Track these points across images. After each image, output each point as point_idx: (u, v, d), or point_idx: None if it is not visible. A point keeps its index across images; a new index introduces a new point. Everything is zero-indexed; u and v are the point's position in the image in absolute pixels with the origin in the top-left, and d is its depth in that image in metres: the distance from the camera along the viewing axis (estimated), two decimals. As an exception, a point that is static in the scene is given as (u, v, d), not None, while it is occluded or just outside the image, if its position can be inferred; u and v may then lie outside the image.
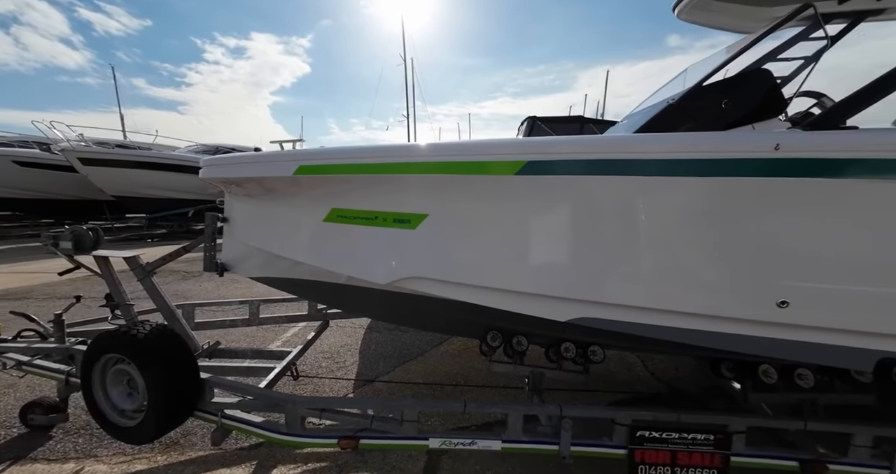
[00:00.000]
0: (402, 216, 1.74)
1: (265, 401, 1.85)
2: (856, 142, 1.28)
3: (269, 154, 2.06)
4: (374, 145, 1.80)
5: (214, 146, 14.01)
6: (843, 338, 1.40)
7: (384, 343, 4.13)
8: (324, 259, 2.00)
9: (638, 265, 1.51)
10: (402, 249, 1.78)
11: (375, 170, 1.69)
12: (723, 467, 1.64)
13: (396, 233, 1.76)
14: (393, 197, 1.74)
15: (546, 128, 8.59)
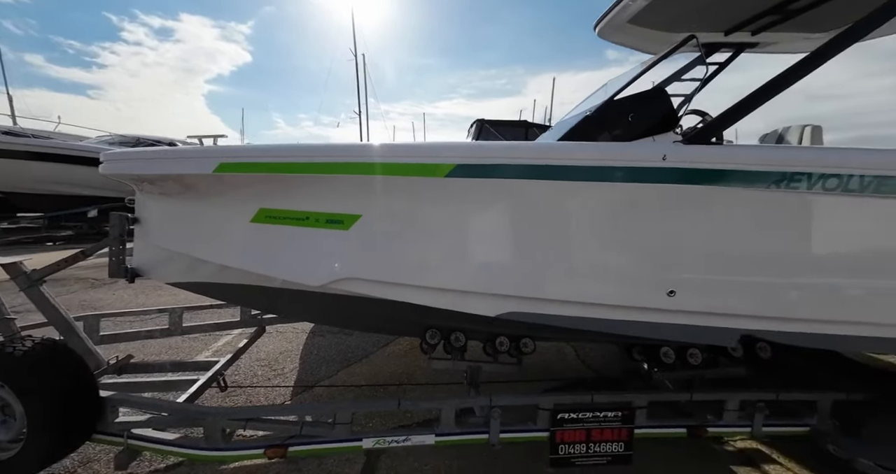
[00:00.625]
0: (335, 217, 1.72)
1: (181, 416, 1.72)
2: (721, 156, 1.54)
3: (185, 150, 1.92)
4: (304, 144, 1.75)
5: (135, 137, 12.46)
6: (715, 319, 1.67)
7: (327, 347, 4.01)
8: (252, 262, 1.91)
9: (554, 262, 1.66)
10: (335, 250, 1.76)
11: (305, 170, 1.66)
12: (628, 439, 1.85)
13: (329, 234, 1.74)
14: (325, 197, 1.72)
15: (493, 131, 8.90)
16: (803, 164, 1.50)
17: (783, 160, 1.51)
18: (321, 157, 1.64)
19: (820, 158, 1.52)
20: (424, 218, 1.68)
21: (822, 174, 1.49)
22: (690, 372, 2.12)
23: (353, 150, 1.68)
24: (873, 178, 1.48)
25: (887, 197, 1.51)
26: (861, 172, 1.48)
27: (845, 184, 1.49)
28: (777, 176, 1.52)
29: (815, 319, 1.71)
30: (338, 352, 3.91)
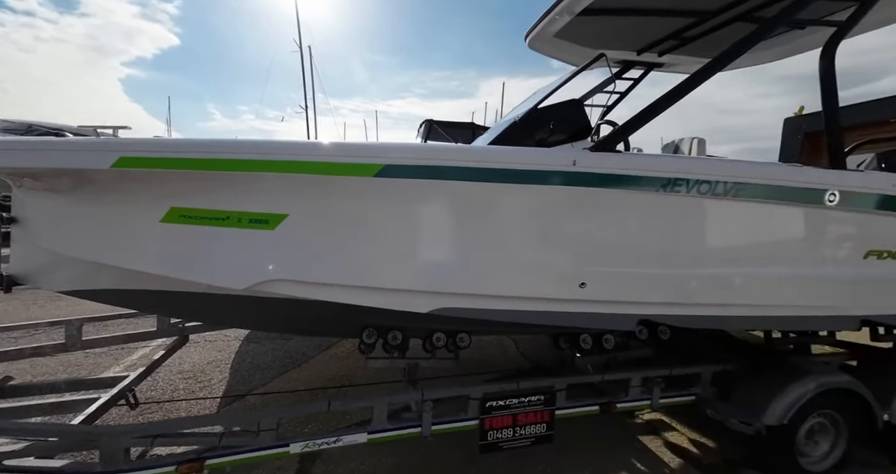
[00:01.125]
0: (260, 216, 1.66)
1: (72, 440, 1.53)
2: (620, 162, 1.74)
3: (78, 141, 1.72)
4: (221, 140, 1.66)
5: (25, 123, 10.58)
6: (618, 307, 1.89)
7: (263, 353, 3.80)
8: (167, 266, 1.76)
9: (480, 259, 1.75)
10: (260, 251, 1.70)
11: (227, 167, 1.57)
12: (550, 420, 2.02)
13: (253, 235, 1.66)
14: (248, 196, 1.64)
15: (442, 132, 9.04)
16: (682, 172, 1.76)
17: (667, 168, 1.76)
18: (246, 155, 1.56)
19: (693, 167, 1.80)
20: (353, 217, 1.69)
21: (696, 180, 1.76)
22: (606, 355, 2.37)
23: (279, 148, 1.63)
24: (733, 184, 1.79)
25: (744, 199, 1.83)
26: (723, 179, 1.77)
27: (713, 188, 1.78)
28: (664, 181, 1.76)
29: (701, 303, 2.00)
30: (274, 358, 3.72)
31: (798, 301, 2.00)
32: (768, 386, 2.05)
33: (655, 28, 2.91)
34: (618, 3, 2.55)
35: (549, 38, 2.99)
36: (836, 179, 1.89)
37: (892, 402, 2.11)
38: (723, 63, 1.86)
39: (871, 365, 2.37)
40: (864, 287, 2.03)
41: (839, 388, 2.01)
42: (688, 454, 2.36)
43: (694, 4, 2.58)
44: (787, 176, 1.88)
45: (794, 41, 2.85)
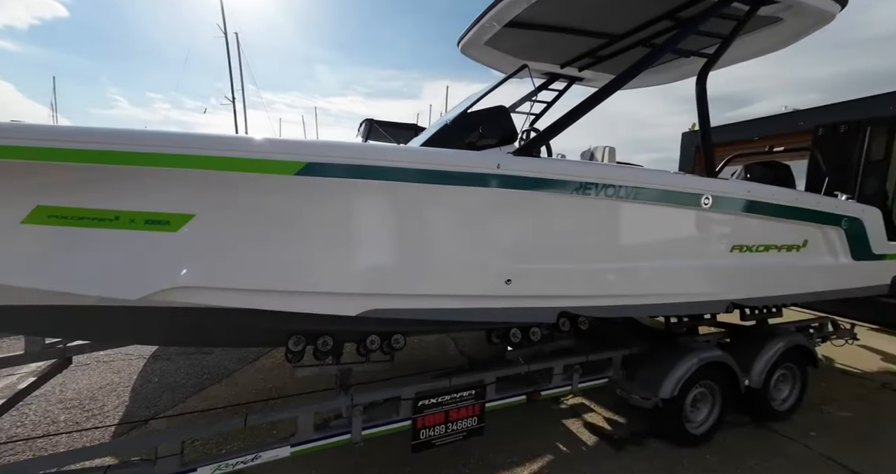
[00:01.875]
0: (158, 216, 1.47)
1: None
2: (539, 166, 1.88)
3: None
4: (106, 128, 1.44)
5: None
6: (540, 301, 2.04)
7: (174, 371, 3.38)
8: (32, 276, 1.47)
9: (407, 259, 1.76)
10: (159, 255, 1.50)
11: (112, 160, 1.36)
12: (481, 413, 2.10)
13: (150, 237, 1.47)
14: (144, 194, 1.45)
15: (382, 131, 8.89)
16: (591, 177, 1.95)
17: (579, 173, 1.95)
18: (142, 147, 1.37)
19: (600, 173, 2.01)
20: (272, 217, 1.58)
21: (603, 184, 1.98)
22: (535, 347, 2.52)
23: (186, 141, 1.45)
24: (633, 188, 2.04)
25: (642, 202, 2.09)
26: (624, 184, 2.01)
27: (617, 192, 2.01)
28: (577, 185, 1.94)
29: (609, 295, 2.23)
30: (189, 375, 3.33)
31: (683, 289, 2.33)
32: (662, 365, 2.36)
33: (574, 45, 3.21)
34: (540, 20, 2.76)
35: (481, 45, 3.13)
36: (709, 186, 2.25)
37: (751, 370, 2.57)
38: (623, 81, 2.11)
39: (738, 340, 2.87)
40: (730, 276, 2.45)
41: (714, 362, 2.40)
42: (603, 431, 2.62)
43: (603, 27, 2.90)
44: (674, 182, 2.19)
45: (681, 67, 3.34)
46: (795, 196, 2.63)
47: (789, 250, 2.64)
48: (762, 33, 2.73)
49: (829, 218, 2.75)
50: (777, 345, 2.63)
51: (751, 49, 2.92)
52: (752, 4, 2.28)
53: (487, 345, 2.38)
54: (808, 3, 2.32)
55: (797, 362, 2.79)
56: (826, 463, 2.32)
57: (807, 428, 2.67)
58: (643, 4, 2.49)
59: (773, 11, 2.43)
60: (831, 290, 2.99)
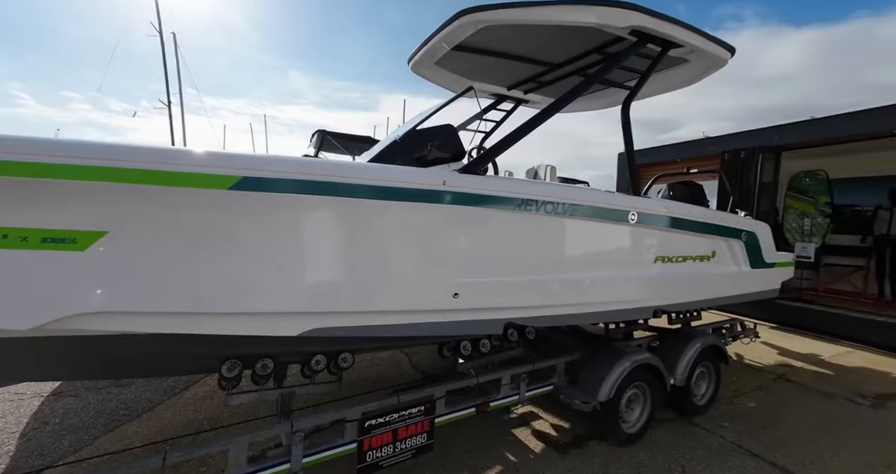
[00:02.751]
0: (61, 234, 1.30)
1: None
2: (483, 184, 1.97)
3: None
4: (12, 136, 1.26)
5: None
6: (486, 313, 2.10)
7: (79, 410, 2.94)
8: None
9: (352, 275, 1.73)
10: (60, 278, 1.33)
11: (13, 172, 1.19)
12: (430, 429, 2.08)
13: (49, 258, 1.30)
14: (43, 209, 1.28)
15: (336, 143, 8.67)
16: (531, 194, 2.09)
17: (520, 190, 2.07)
18: (49, 157, 1.21)
19: (540, 190, 2.16)
20: (202, 234, 1.47)
21: (543, 201, 2.12)
22: (485, 359, 2.57)
23: (97, 152, 1.31)
24: (569, 205, 2.21)
25: (579, 218, 2.27)
26: (561, 201, 2.17)
27: (556, 208, 2.17)
28: (518, 201, 2.06)
29: (554, 305, 2.36)
30: (99, 412, 2.91)
31: (616, 297, 2.55)
32: (599, 369, 2.53)
33: (519, 70, 3.44)
34: (486, 45, 2.93)
35: (431, 65, 3.24)
36: (634, 203, 2.51)
37: (676, 370, 2.85)
38: (560, 106, 2.31)
39: (664, 343, 3.17)
40: (655, 284, 2.72)
41: (644, 363, 2.62)
42: (549, 438, 2.72)
43: (543, 56, 3.15)
44: (605, 199, 2.41)
45: (610, 96, 3.72)
46: (704, 212, 3.01)
47: (702, 260, 3.00)
48: (674, 71, 3.15)
49: (731, 232, 3.19)
50: (696, 346, 2.95)
51: (665, 84, 3.35)
52: (663, 46, 2.62)
53: (441, 359, 2.39)
54: (706, 49, 2.72)
55: (712, 360, 3.14)
56: (735, 450, 2.61)
57: (721, 420, 3.00)
58: (576, 39, 2.75)
59: (680, 53, 2.82)
60: (737, 295, 3.44)
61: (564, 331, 3.46)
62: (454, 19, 2.41)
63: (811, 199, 6.44)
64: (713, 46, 2.74)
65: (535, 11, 2.25)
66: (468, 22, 2.38)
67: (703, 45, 2.68)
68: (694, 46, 2.67)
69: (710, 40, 2.70)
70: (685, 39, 2.58)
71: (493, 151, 2.22)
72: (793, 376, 3.96)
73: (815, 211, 6.40)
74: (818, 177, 6.37)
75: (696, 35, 2.60)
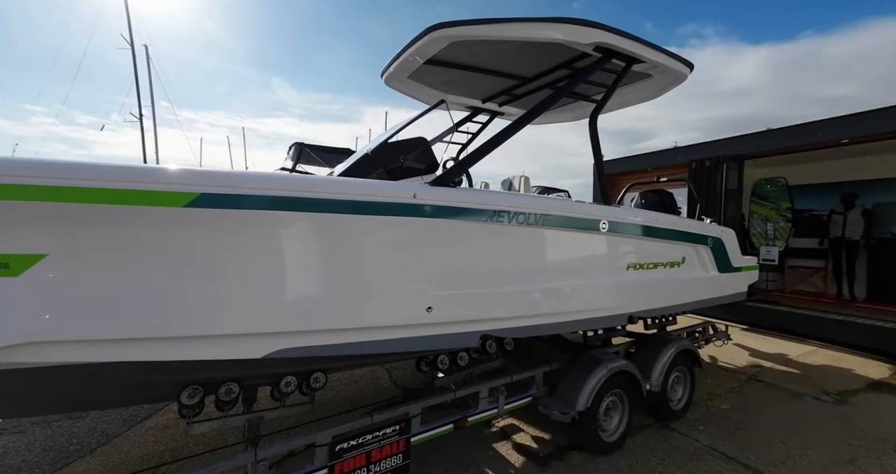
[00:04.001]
0: None
1: None
2: (454, 196, 1.96)
3: None
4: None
5: None
6: (461, 326, 2.06)
7: (23, 448, 2.70)
8: None
9: (319, 293, 1.67)
10: None
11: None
12: (406, 449, 2.01)
13: None
14: None
15: (314, 155, 8.55)
16: (502, 205, 2.10)
17: (491, 201, 2.08)
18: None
19: (511, 201, 2.17)
20: (155, 254, 1.39)
21: (514, 212, 2.13)
22: (463, 372, 2.52)
23: (36, 169, 1.23)
24: (540, 215, 2.23)
25: (550, 228, 2.29)
26: (532, 211, 2.19)
27: (527, 219, 2.18)
28: (490, 213, 2.06)
29: (529, 315, 2.35)
30: (46, 449, 2.68)
31: (590, 306, 2.57)
32: (576, 379, 2.53)
33: (493, 84, 3.50)
34: (458, 60, 2.97)
35: (404, 78, 3.25)
36: (604, 212, 2.56)
37: (651, 375, 2.88)
38: (529, 118, 2.35)
39: (640, 349, 3.21)
40: (628, 291, 2.77)
41: (620, 370, 2.64)
42: (529, 450, 2.68)
43: (515, 70, 3.22)
44: (575, 209, 2.45)
45: (580, 109, 3.83)
46: (672, 220, 3.11)
47: (672, 266, 3.09)
48: (639, 85, 3.28)
49: (698, 238, 3.30)
50: (670, 351, 3.01)
51: (631, 97, 3.49)
52: (626, 62, 2.73)
53: (421, 374, 2.33)
54: (667, 65, 2.86)
55: (686, 364, 3.21)
56: (711, 454, 2.65)
57: (697, 423, 3.05)
58: (546, 54, 2.83)
59: (644, 68, 2.94)
60: (708, 299, 3.54)
61: (544, 340, 3.47)
62: (424, 34, 2.44)
63: (773, 205, 6.79)
64: (673, 62, 2.88)
65: (503, 28, 2.30)
66: (438, 37, 2.41)
67: (664, 60, 2.81)
68: (655, 62, 2.80)
69: (670, 57, 2.83)
70: (647, 56, 2.69)
71: (464, 163, 2.23)
72: (763, 376, 4.09)
73: (777, 216, 6.75)
74: (779, 184, 6.74)
75: (656, 52, 2.73)
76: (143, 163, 18.07)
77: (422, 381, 3.85)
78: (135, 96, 19.33)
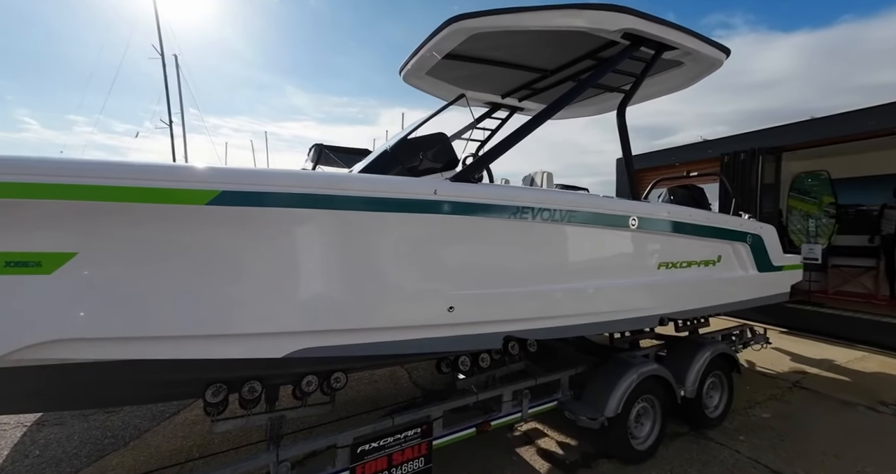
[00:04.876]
0: (24, 257, 1.23)
1: None
2: (475, 192, 1.89)
3: None
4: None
5: None
6: (484, 327, 1.99)
7: (63, 439, 2.82)
8: None
9: (341, 291, 1.64)
10: (28, 304, 1.25)
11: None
12: (428, 453, 1.96)
13: (14, 283, 1.22)
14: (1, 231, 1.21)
15: (333, 157, 8.68)
16: (527, 201, 2.01)
17: (515, 197, 1.99)
18: (7, 175, 1.15)
19: (535, 196, 2.08)
20: (178, 253, 1.40)
21: (539, 208, 2.03)
22: (485, 374, 2.45)
23: (63, 169, 1.25)
24: (567, 212, 2.13)
25: (577, 225, 2.18)
26: (558, 207, 2.09)
27: (552, 215, 2.08)
28: (513, 209, 1.97)
29: (554, 316, 2.25)
30: (84, 441, 2.79)
31: (619, 306, 2.44)
32: (605, 383, 2.41)
33: (513, 78, 3.40)
34: (478, 53, 2.89)
35: (422, 75, 3.20)
36: (634, 208, 2.42)
37: (685, 381, 2.71)
38: (552, 112, 2.25)
39: (673, 352, 3.04)
40: (659, 291, 2.61)
41: (652, 375, 2.50)
42: (555, 457, 2.58)
43: (536, 63, 3.11)
44: (604, 205, 2.32)
45: (605, 102, 3.67)
46: (706, 216, 2.92)
47: (707, 265, 2.90)
48: (669, 74, 3.10)
49: (736, 235, 3.09)
50: (705, 355, 2.82)
51: (662, 87, 3.30)
52: (656, 49, 2.57)
53: (441, 375, 2.27)
54: (701, 51, 2.68)
55: (723, 369, 3.01)
56: (753, 466, 2.46)
57: (736, 433, 2.85)
58: (569, 44, 2.71)
59: (675, 56, 2.77)
60: (746, 300, 3.32)
61: (568, 342, 3.34)
62: (444, 27, 2.37)
63: (814, 200, 6.35)
64: (708, 48, 2.70)
65: (525, 17, 2.21)
66: (458, 29, 2.34)
67: (698, 46, 2.64)
68: (688, 49, 2.63)
69: (704, 42, 2.65)
70: (679, 42, 2.53)
71: (485, 158, 2.16)
72: (808, 383, 3.80)
73: (819, 211, 6.30)
74: (821, 178, 6.29)
75: (690, 37, 2.56)
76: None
77: (442, 382, 3.80)
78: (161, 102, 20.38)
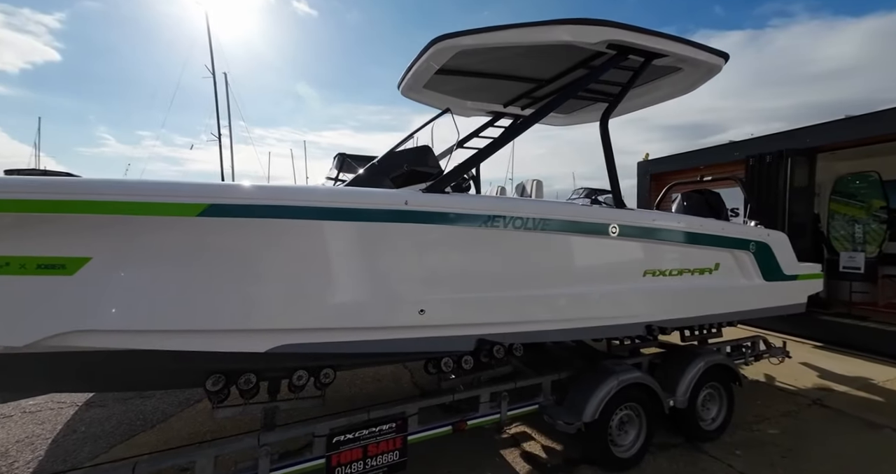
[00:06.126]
0: (52, 261, 1.51)
1: None
2: (446, 202, 2.00)
3: None
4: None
5: None
6: (455, 329, 2.09)
7: (104, 419, 3.21)
8: None
9: (317, 294, 1.81)
10: (55, 300, 1.52)
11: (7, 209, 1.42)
12: (403, 447, 2.08)
13: (43, 282, 1.50)
14: (35, 239, 1.49)
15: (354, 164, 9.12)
16: (498, 210, 2.09)
17: (486, 207, 2.09)
18: (34, 194, 1.43)
19: (506, 206, 2.15)
20: (173, 257, 1.63)
21: (510, 217, 2.11)
22: (469, 375, 2.54)
23: (76, 188, 1.51)
24: (540, 220, 2.18)
25: (551, 232, 2.23)
26: (531, 216, 2.15)
27: (525, 223, 2.15)
28: (485, 218, 2.07)
29: (527, 321, 2.28)
30: (120, 422, 3.17)
31: (597, 313, 2.44)
32: (585, 389, 2.42)
33: (512, 88, 3.48)
34: (473, 67, 3.01)
35: (420, 88, 3.36)
36: (615, 216, 2.43)
37: (676, 390, 2.65)
38: (533, 120, 2.37)
39: (667, 361, 2.96)
40: (644, 299, 2.58)
41: (635, 383, 2.47)
42: (538, 460, 2.61)
43: (532, 74, 3.17)
44: (579, 213, 2.35)
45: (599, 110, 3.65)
46: (700, 223, 2.85)
47: (702, 273, 2.82)
48: (669, 79, 3.06)
49: (736, 242, 2.97)
50: (698, 365, 2.74)
51: (663, 93, 3.26)
52: (646, 57, 2.57)
53: (439, 375, 2.36)
54: (694, 57, 2.64)
55: (721, 381, 2.89)
56: (744, 483, 2.37)
57: (734, 447, 2.73)
58: (558, 56, 2.77)
59: (670, 62, 2.75)
60: (752, 309, 3.17)
61: (567, 348, 3.34)
62: (428, 47, 2.52)
63: (862, 204, 5.83)
64: (702, 54, 2.66)
65: (507, 34, 2.31)
66: (443, 48, 2.47)
67: (690, 52, 2.61)
68: (680, 56, 2.61)
69: (695, 48, 2.62)
70: (667, 49, 2.52)
71: (459, 169, 2.26)
72: (831, 401, 3.53)
73: (867, 216, 5.78)
74: (870, 179, 5.77)
75: (678, 44, 2.54)
76: (221, 176, 20.07)
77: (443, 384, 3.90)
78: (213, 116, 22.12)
